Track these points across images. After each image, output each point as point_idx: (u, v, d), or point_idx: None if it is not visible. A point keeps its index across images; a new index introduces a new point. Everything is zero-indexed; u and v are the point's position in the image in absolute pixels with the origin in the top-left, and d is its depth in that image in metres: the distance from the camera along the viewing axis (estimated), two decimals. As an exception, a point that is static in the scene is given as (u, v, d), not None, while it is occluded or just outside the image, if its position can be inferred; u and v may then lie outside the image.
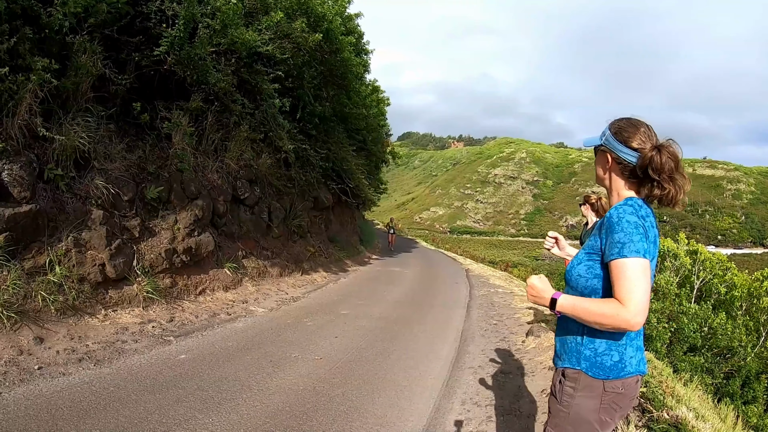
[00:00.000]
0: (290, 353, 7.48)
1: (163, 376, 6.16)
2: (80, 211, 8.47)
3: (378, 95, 27.10)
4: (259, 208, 14.23)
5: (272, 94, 13.26)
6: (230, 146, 12.63)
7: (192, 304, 9.70)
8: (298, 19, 13.63)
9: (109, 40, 9.54)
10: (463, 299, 14.06)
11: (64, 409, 4.96)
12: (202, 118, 11.76)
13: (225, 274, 11.58)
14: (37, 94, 7.90)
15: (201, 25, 10.73)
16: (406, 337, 8.99)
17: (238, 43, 11.64)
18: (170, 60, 10.29)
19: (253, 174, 13.83)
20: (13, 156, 7.60)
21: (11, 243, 7.22)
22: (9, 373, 5.69)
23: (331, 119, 18.31)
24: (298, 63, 14.31)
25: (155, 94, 10.97)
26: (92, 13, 8.88)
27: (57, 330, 7.04)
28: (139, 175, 9.97)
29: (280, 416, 5.23)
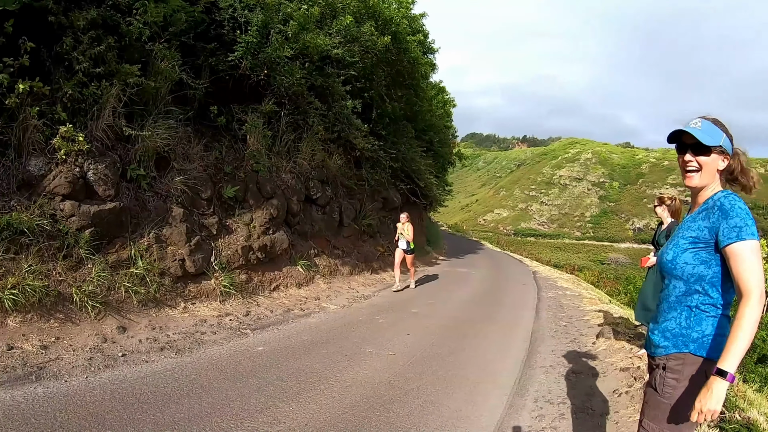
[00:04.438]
0: (364, 348, 7.43)
1: (242, 366, 6.21)
2: (161, 209, 8.66)
3: (444, 96, 26.73)
4: (331, 208, 14.19)
5: (344, 96, 13.22)
6: (302, 147, 12.65)
7: (267, 300, 9.74)
8: (366, 23, 13.58)
9: (186, 46, 9.74)
10: (532, 301, 13.65)
11: (148, 394, 5.06)
12: (275, 120, 11.85)
13: (298, 272, 11.59)
14: (120, 98, 8.10)
15: (273, 31, 10.83)
16: (476, 336, 8.83)
17: (311, 47, 11.69)
18: (245, 64, 10.41)
19: (325, 174, 13.84)
20: (98, 156, 7.78)
21: (96, 238, 7.41)
22: (94, 359, 5.85)
23: (400, 120, 18.14)
24: (368, 65, 14.27)
25: (230, 98, 11.09)
26: (171, 21, 9.13)
27: (139, 320, 7.24)
28: (216, 175, 10.12)
29: (358, 408, 5.22)
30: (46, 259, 6.76)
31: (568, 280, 21.05)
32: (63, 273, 6.83)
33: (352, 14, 13.35)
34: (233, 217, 10.27)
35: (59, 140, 7.26)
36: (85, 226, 7.31)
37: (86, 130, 7.66)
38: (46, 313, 6.36)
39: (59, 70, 7.62)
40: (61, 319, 6.46)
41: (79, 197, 7.41)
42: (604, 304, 13.68)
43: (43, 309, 6.35)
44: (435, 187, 22.77)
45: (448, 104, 27.27)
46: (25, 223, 6.57)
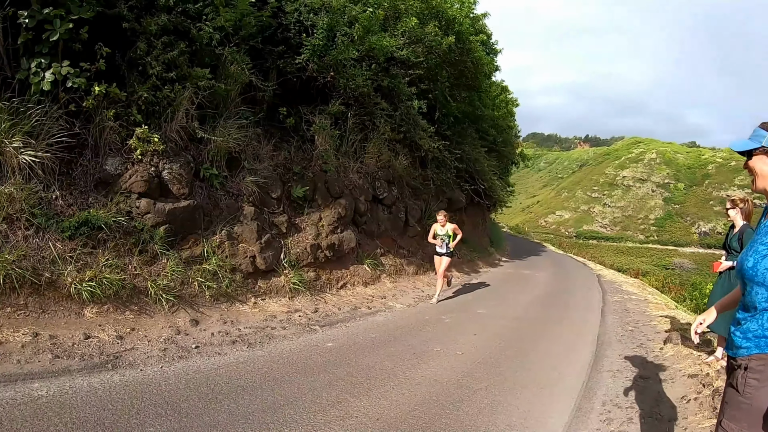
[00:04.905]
0: (432, 347, 7.24)
1: (312, 361, 6.16)
2: (233, 207, 8.64)
3: (506, 96, 25.96)
4: (397, 208, 13.89)
5: (410, 96, 12.91)
6: (369, 147, 12.42)
7: (334, 297, 9.60)
8: (429, 23, 13.22)
9: (254, 50, 9.70)
10: (597, 304, 13.01)
11: (222, 385, 5.09)
12: (342, 121, 11.64)
13: (364, 270, 11.37)
14: (193, 100, 8.11)
15: (339, 33, 10.64)
16: (542, 338, 8.57)
17: (376, 48, 11.46)
18: (311, 67, 10.25)
19: (391, 174, 13.54)
20: (172, 156, 7.83)
21: (171, 234, 7.46)
22: (168, 350, 5.90)
23: (464, 120, 17.69)
24: (432, 65, 13.89)
25: (298, 99, 10.99)
26: (241, 26, 9.10)
27: (211, 314, 7.26)
28: (285, 174, 10.02)
29: (428, 405, 5.11)
30: (122, 254, 6.85)
31: (633, 284, 19.99)
32: (138, 267, 6.90)
33: (416, 15, 13.05)
34: (302, 216, 10.15)
35: (135, 141, 7.35)
36: (160, 223, 7.37)
37: (160, 131, 7.70)
38: (122, 305, 6.44)
39: (133, 74, 7.69)
40: (136, 311, 6.54)
41: (154, 195, 7.47)
42: (671, 309, 12.92)
43: (118, 301, 6.43)
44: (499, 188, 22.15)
45: (510, 104, 26.41)
46: (103, 219, 6.66)
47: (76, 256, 6.31)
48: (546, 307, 11.78)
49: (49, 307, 5.89)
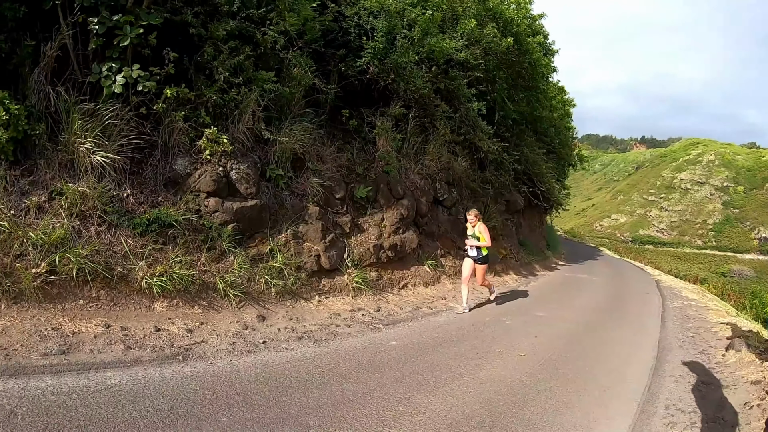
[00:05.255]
0: (494, 348, 7.07)
1: (378, 358, 6.09)
2: (298, 207, 8.53)
3: (563, 96, 24.94)
4: (456, 209, 13.47)
5: (470, 98, 12.53)
6: (429, 149, 12.09)
7: (396, 297, 9.38)
8: (487, 25, 12.82)
9: (317, 53, 9.57)
10: (656, 309, 12.40)
11: (291, 379, 5.09)
12: (402, 123, 11.36)
13: (425, 271, 11.04)
14: (259, 102, 8.04)
15: (399, 36, 10.40)
16: (602, 342, 8.28)
17: (436, 51, 11.18)
18: (372, 69, 10.03)
19: (451, 176, 13.14)
20: (240, 157, 7.78)
21: (238, 233, 7.43)
22: (237, 344, 5.88)
23: (522, 121, 17.12)
24: (490, 67, 13.45)
25: (359, 101, 10.80)
26: (304, 30, 9.03)
27: (277, 311, 7.23)
28: (348, 175, 9.85)
29: (493, 404, 5.04)
30: (191, 251, 6.88)
31: (693, 290, 18.97)
32: (207, 264, 6.93)
33: (473, 16, 12.69)
34: (365, 217, 9.93)
35: (205, 142, 7.36)
36: (228, 222, 7.35)
37: (228, 132, 7.68)
38: (191, 299, 6.49)
39: (200, 77, 7.69)
40: (205, 306, 6.58)
41: (223, 194, 7.46)
42: (732, 317, 12.23)
43: (187, 296, 6.48)
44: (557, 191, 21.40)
45: (567, 104, 25.39)
46: (173, 217, 6.71)
47: (147, 251, 6.37)
48: (605, 311, 11.34)
49: (120, 300, 5.97)
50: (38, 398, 4.04)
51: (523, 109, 16.72)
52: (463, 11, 12.76)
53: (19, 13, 6.24)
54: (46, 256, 5.60)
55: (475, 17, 12.68)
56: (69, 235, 5.88)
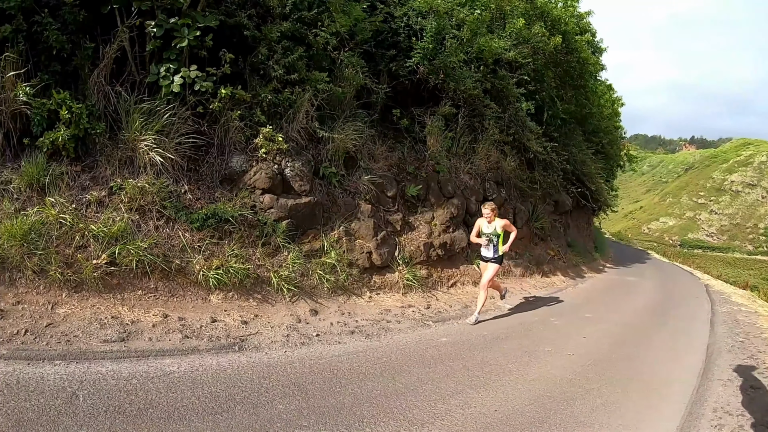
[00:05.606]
0: (543, 347, 6.91)
1: (429, 354, 6.00)
2: (350, 205, 8.41)
3: (611, 95, 23.97)
4: (505, 209, 13.02)
5: (518, 98, 12.12)
6: (478, 149, 11.72)
7: (445, 295, 9.16)
8: (535, 24, 12.39)
9: (367, 54, 9.42)
10: (705, 314, 11.77)
11: (344, 371, 5.10)
12: (452, 122, 11.05)
13: (474, 270, 10.65)
14: (312, 102, 7.96)
15: (448, 36, 10.14)
16: (651, 344, 8.01)
17: (485, 51, 10.86)
18: (422, 69, 9.79)
19: (500, 176, 12.73)
20: (294, 155, 7.72)
21: (292, 229, 7.38)
22: (291, 336, 5.90)
23: (571, 121, 16.46)
24: (538, 66, 12.99)
25: (409, 101, 10.57)
26: (355, 31, 8.91)
27: (329, 305, 7.17)
28: (399, 174, 9.64)
29: (543, 401, 5.00)
30: (246, 246, 6.87)
31: (743, 296, 17.90)
32: (262, 258, 6.89)
33: (521, 15, 12.30)
34: (416, 215, 9.70)
35: (261, 140, 7.34)
36: (283, 218, 7.32)
37: (282, 131, 7.62)
38: (246, 293, 6.48)
39: (254, 77, 7.67)
40: (259, 299, 6.56)
41: (277, 191, 7.42)
42: None
43: (242, 289, 6.46)
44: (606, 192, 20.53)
45: (616, 103, 24.40)
46: (229, 212, 6.72)
47: (204, 245, 6.42)
48: (653, 314, 10.83)
49: (177, 291, 6.05)
50: (99, 382, 4.13)
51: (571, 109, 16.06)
52: (510, 10, 12.38)
53: (79, 17, 6.35)
54: (107, 248, 5.70)
55: (522, 16, 12.28)
56: (129, 229, 5.97)
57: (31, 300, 5.22)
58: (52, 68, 6.36)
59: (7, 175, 5.87)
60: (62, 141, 6.04)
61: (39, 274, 5.34)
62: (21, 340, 4.65)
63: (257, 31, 7.58)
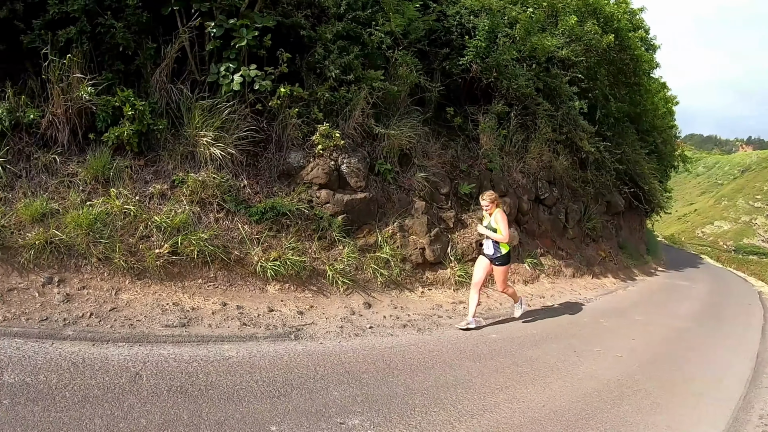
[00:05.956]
0: (592, 347, 6.75)
1: (479, 349, 5.96)
2: (404, 201, 8.24)
3: (665, 93, 22.47)
4: (557, 209, 12.56)
5: (571, 96, 11.65)
6: (530, 147, 11.31)
7: (495, 293, 8.76)
8: (587, 21, 11.88)
9: (421, 52, 9.21)
10: (757, 321, 11.12)
11: (396, 363, 5.10)
12: (505, 121, 10.69)
13: (524, 269, 10.34)
14: (368, 100, 7.84)
15: (500, 35, 9.81)
16: (700, 349, 7.69)
17: (538, 49, 10.47)
18: (475, 68, 9.50)
19: (552, 175, 12.28)
20: (350, 152, 7.63)
21: (348, 223, 7.33)
22: (345, 327, 5.93)
23: (624, 120, 15.71)
24: (591, 64, 12.44)
25: (462, 99, 10.31)
26: (409, 30, 8.74)
27: (382, 299, 7.13)
28: (452, 172, 9.40)
29: (590, 399, 4.96)
30: (303, 239, 6.87)
31: None
32: (317, 251, 6.88)
33: (573, 13, 11.80)
34: (468, 213, 9.41)
35: (318, 137, 7.27)
36: (338, 213, 7.26)
37: (338, 128, 7.54)
38: (302, 284, 6.51)
39: (311, 76, 7.60)
40: (315, 291, 6.59)
41: (333, 187, 7.37)
42: None
43: (299, 281, 6.48)
44: (659, 193, 19.51)
45: (670, 102, 22.92)
46: (286, 206, 6.72)
47: (262, 238, 6.45)
48: (704, 319, 10.29)
49: (236, 281, 6.12)
50: (161, 364, 4.25)
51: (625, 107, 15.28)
52: (563, 8, 11.90)
53: (142, 18, 6.42)
54: (169, 238, 5.80)
55: (575, 13, 11.77)
56: (190, 220, 6.05)
57: (95, 285, 5.35)
58: (116, 67, 6.46)
59: (74, 168, 6.03)
60: (126, 136, 6.13)
61: (103, 261, 5.46)
62: (86, 323, 4.78)
63: (313, 31, 7.51)
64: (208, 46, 6.76)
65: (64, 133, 6.10)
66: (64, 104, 6.00)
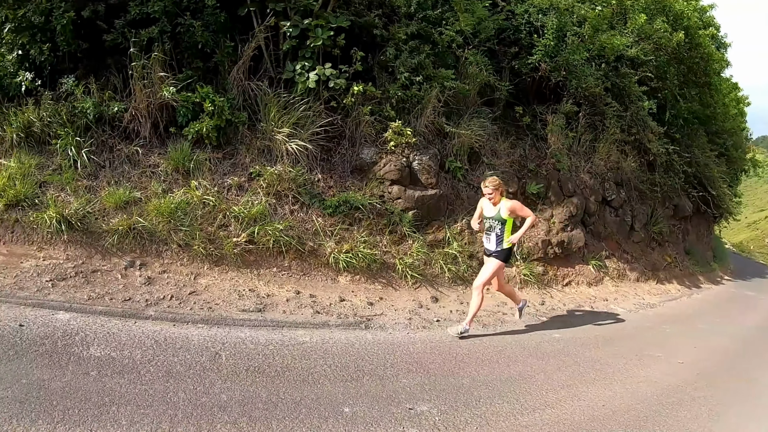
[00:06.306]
0: (652, 352, 6.46)
1: (542, 347, 5.89)
2: (473, 199, 7.92)
3: (737, 93, 20.84)
4: (623, 211, 11.91)
5: (640, 96, 11.05)
6: (598, 148, 10.76)
7: (559, 293, 8.63)
8: (656, 19, 11.23)
9: (490, 51, 8.97)
10: None
11: (462, 356, 5.10)
12: (573, 121, 10.23)
13: (589, 271, 9.82)
14: (439, 98, 7.69)
15: (569, 33, 9.38)
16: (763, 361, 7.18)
17: (607, 48, 9.95)
18: (544, 67, 9.13)
19: (619, 176, 11.62)
20: (422, 149, 7.51)
21: (417, 219, 7.27)
22: (413, 319, 5.92)
23: (693, 121, 14.77)
24: (660, 63, 11.73)
25: (530, 98, 9.94)
26: (479, 30, 8.57)
27: (449, 294, 7.03)
28: (520, 171, 9.07)
29: (648, 402, 4.80)
30: (374, 233, 6.84)
31: None
32: (388, 245, 6.86)
33: (642, 11, 11.16)
34: (535, 212, 8.97)
35: (391, 134, 7.19)
36: (409, 208, 7.17)
37: (410, 125, 7.42)
38: (372, 276, 6.53)
39: (383, 74, 7.53)
40: (384, 283, 6.61)
41: (405, 183, 7.28)
42: None
43: (369, 273, 6.49)
44: (729, 198, 18.26)
45: (741, 102, 21.23)
46: (359, 201, 6.71)
47: (335, 230, 6.48)
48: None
49: (309, 271, 6.21)
50: (239, 345, 4.40)
51: (694, 108, 14.36)
52: (631, 5, 11.27)
53: (220, 18, 6.55)
54: (247, 227, 5.91)
55: (644, 11, 11.15)
56: (266, 211, 6.14)
57: (175, 270, 5.54)
58: (195, 65, 6.65)
59: (155, 159, 6.26)
60: (206, 131, 6.27)
61: (183, 247, 5.65)
62: (167, 305, 4.96)
63: (385, 30, 7.43)
64: (284, 45, 6.82)
65: (146, 127, 6.38)
66: (146, 99, 6.29)
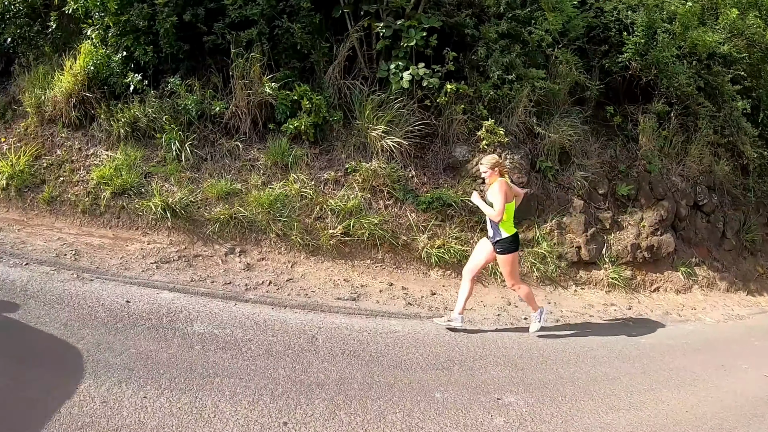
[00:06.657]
0: (739, 364, 6.11)
1: (627, 351, 5.70)
2: (563, 199, 7.70)
3: None
4: (715, 217, 10.93)
5: (734, 96, 10.17)
6: (690, 150, 9.96)
7: (647, 299, 8.16)
8: (749, 14, 10.31)
9: (579, 50, 8.54)
10: None
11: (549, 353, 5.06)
12: (664, 121, 9.54)
13: (677, 277, 9.10)
14: (530, 98, 7.47)
15: (659, 30, 8.79)
16: None
17: (699, 45, 9.23)
18: (634, 65, 8.60)
19: (711, 180, 10.72)
20: (513, 148, 7.33)
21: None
22: (501, 316, 5.90)
23: (791, 123, 13.51)
24: (754, 60, 10.73)
25: (620, 98, 9.37)
26: (568, 28, 8.23)
27: (536, 293, 6.72)
28: (610, 172, 8.59)
29: (732, 412, 4.65)
30: (465, 229, 6.76)
31: None
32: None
33: (734, 5, 10.28)
34: (625, 215, 8.53)
35: (484, 132, 7.03)
36: None
37: (501, 124, 7.21)
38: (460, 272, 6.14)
39: (474, 74, 7.33)
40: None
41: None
42: None
43: (459, 268, 6.20)
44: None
45: None
46: (451, 198, 6.66)
47: (428, 226, 6.49)
48: None
49: (402, 264, 6.35)
50: (334, 330, 4.58)
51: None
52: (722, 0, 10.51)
53: (315, 20, 6.71)
54: (342, 220, 6.12)
55: (735, 6, 10.29)
56: (361, 205, 6.30)
57: (273, 258, 5.80)
58: (292, 65, 6.84)
59: (255, 154, 6.51)
60: (304, 127, 6.46)
61: (281, 237, 5.93)
62: (265, 290, 5.18)
63: (476, 30, 7.24)
64: (377, 46, 6.80)
65: (246, 123, 6.64)
66: (246, 97, 6.49)
